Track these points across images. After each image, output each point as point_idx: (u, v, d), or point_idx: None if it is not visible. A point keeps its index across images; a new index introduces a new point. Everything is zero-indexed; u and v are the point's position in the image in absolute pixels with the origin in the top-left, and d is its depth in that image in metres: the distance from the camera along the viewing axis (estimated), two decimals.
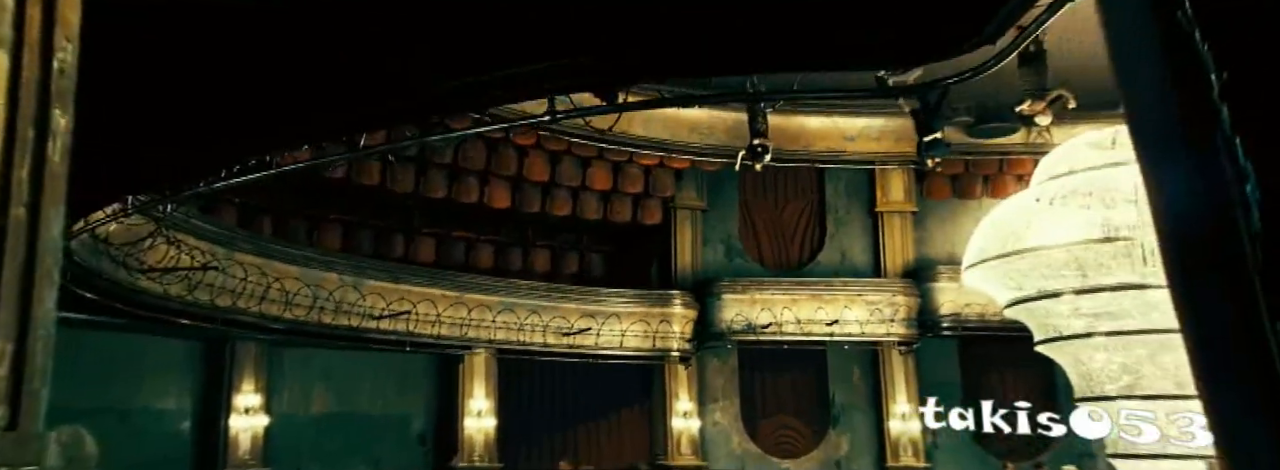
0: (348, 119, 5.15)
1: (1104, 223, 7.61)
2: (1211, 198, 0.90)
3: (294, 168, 5.21)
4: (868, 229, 12.36)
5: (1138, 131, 1.11)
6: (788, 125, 11.67)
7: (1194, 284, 0.98)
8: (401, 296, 9.75)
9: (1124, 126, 5.85)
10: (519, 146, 10.67)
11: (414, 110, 5.09)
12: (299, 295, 8.63)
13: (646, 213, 11.78)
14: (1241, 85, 0.88)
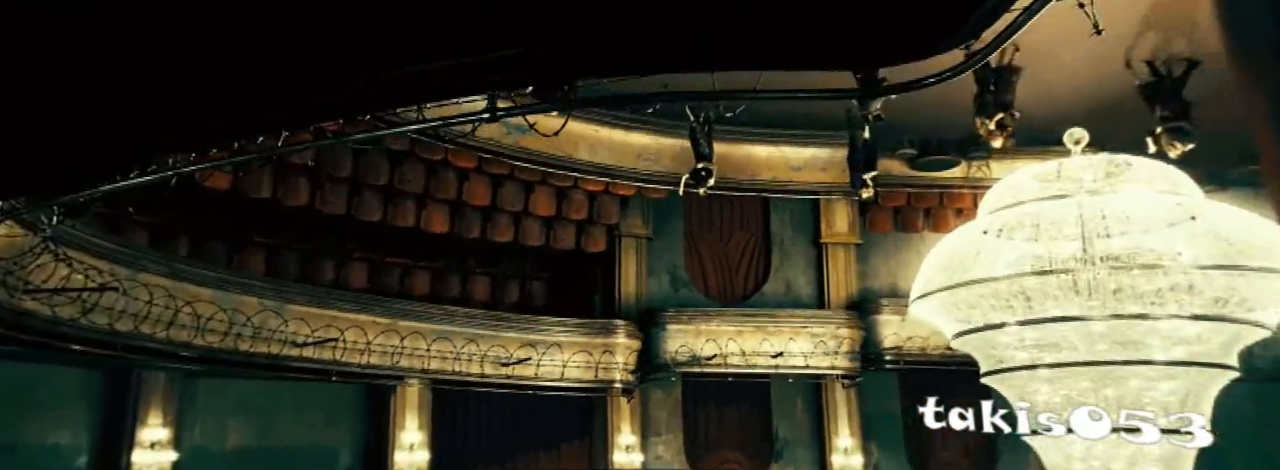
0: (265, 117, 4.40)
1: (1049, 254, 7.26)
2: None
3: (191, 170, 4.44)
4: (812, 261, 11.91)
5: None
6: (734, 154, 11.23)
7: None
8: (328, 323, 8.91)
9: (1067, 160, 5.28)
10: (459, 169, 9.99)
11: (340, 107, 4.37)
12: (213, 320, 7.76)
13: (591, 240, 11.15)
14: None
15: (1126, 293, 7.09)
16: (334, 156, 8.97)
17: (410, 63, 3.87)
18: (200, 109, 3.71)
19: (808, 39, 3.50)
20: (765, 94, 4.05)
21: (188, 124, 3.78)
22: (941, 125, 10.93)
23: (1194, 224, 7.09)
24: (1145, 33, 9.14)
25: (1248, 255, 6.78)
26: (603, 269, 11.44)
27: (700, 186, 8.42)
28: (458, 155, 9.84)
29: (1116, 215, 7.11)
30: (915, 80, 3.56)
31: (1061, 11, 7.39)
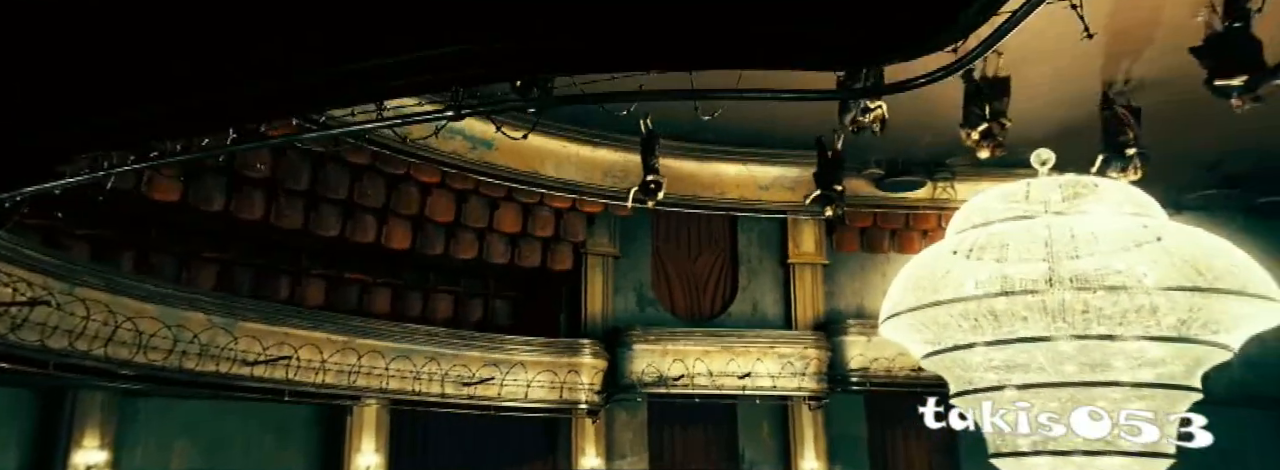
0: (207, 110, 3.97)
1: (1018, 275, 7.07)
2: None
3: (113, 172, 4.04)
4: (779, 280, 11.64)
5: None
6: (702, 172, 10.99)
7: None
8: (281, 340, 8.46)
9: (1034, 180, 4.96)
10: (422, 184, 9.61)
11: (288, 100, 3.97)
12: (156, 337, 7.28)
13: (557, 258, 10.80)
14: None
15: (1094, 314, 6.95)
16: (291, 169, 8.57)
17: (366, 55, 3.53)
18: (109, 102, 3.33)
19: (789, 35, 3.20)
20: (749, 94, 3.76)
21: (95, 117, 3.39)
22: (908, 146, 10.79)
23: (1160, 245, 6.97)
24: (1108, 56, 9.06)
25: (1212, 277, 6.67)
26: (568, 287, 11.08)
27: (649, 199, 8.17)
28: (421, 170, 9.48)
29: (1084, 236, 6.96)
30: (905, 81, 3.28)
31: (1027, 32, 7.21)
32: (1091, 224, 6.96)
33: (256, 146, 5.12)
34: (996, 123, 7.35)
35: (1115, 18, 7.97)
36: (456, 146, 9.51)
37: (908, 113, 9.64)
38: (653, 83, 3.94)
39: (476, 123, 9.63)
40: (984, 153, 7.45)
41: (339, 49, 3.49)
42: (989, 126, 7.41)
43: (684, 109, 9.92)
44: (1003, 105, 7.40)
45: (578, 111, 9.50)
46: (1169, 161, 9.72)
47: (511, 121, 9.03)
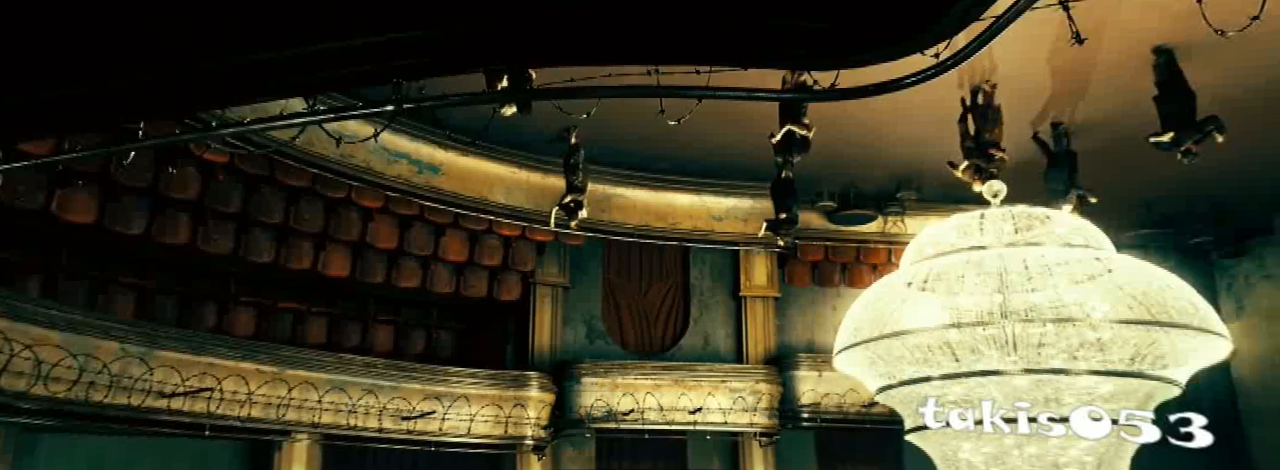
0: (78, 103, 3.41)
1: (972, 307, 6.80)
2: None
3: None
4: (731, 313, 11.24)
5: None
6: (656, 202, 10.63)
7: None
8: (204, 371, 7.76)
9: (988, 211, 4.60)
10: (363, 208, 9.06)
11: (183, 94, 3.43)
12: (60, 367, 6.56)
13: (504, 288, 10.27)
14: None
15: (1049, 348, 6.73)
16: (221, 191, 7.96)
17: (301, 41, 3.04)
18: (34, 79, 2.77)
19: (766, 28, 2.80)
20: (721, 92, 3.35)
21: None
22: (859, 179, 10.57)
23: (1112, 278, 6.80)
24: (1051, 96, 8.96)
25: (1163, 311, 6.51)
26: (516, 319, 10.54)
27: (571, 220, 7.77)
28: (363, 194, 8.94)
29: (1037, 268, 6.72)
30: (890, 81, 2.92)
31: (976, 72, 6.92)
32: (1045, 256, 6.76)
33: (121, 149, 4.51)
34: (984, 155, 7.09)
35: (1054, 58, 7.85)
36: (402, 170, 9.00)
37: (860, 145, 9.46)
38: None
39: (424, 145, 9.17)
40: (977, 186, 7.17)
41: (257, 33, 3.00)
42: (974, 161, 7.15)
43: (639, 137, 9.61)
44: (994, 136, 7.15)
45: (530, 137, 9.10)
46: (1106, 201, 9.69)
47: (432, 135, 8.62)
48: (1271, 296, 11.95)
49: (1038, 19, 6.99)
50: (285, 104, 5.29)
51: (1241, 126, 8.36)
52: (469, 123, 9.13)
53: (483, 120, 8.67)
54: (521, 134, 8.74)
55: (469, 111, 8.47)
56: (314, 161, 8.30)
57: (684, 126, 9.13)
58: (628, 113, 8.71)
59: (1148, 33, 7.26)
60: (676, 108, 5.48)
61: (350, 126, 8.54)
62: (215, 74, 3.15)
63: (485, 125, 7.45)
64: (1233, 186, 10.54)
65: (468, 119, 9.09)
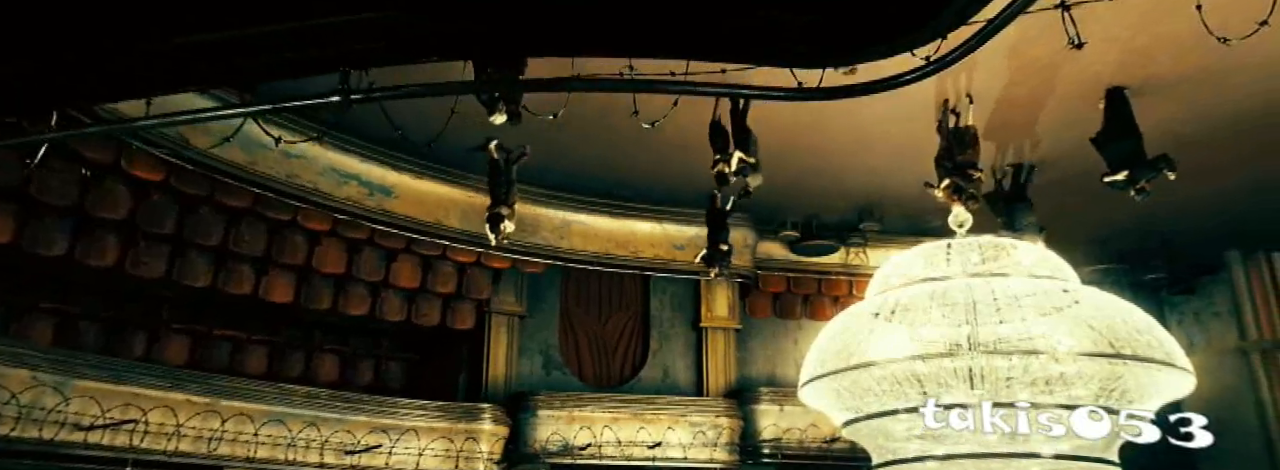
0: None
1: (941, 339, 6.52)
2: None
3: None
4: (692, 345, 10.83)
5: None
6: (617, 230, 10.26)
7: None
8: (128, 401, 7.13)
9: (954, 241, 4.24)
10: (310, 231, 8.52)
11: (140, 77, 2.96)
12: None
13: (458, 316, 9.75)
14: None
15: (1017, 382, 6.47)
16: (154, 212, 7.40)
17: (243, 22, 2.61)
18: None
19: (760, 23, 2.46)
20: (703, 88, 3.00)
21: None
22: (823, 209, 10.33)
23: (1079, 311, 6.60)
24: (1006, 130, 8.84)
25: (1130, 344, 6.33)
26: (470, 348, 10.00)
27: (494, 233, 7.36)
28: (310, 216, 8.42)
29: (1005, 300, 6.47)
30: (882, 80, 2.61)
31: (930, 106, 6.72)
32: (1012, 287, 6.53)
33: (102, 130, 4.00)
34: (962, 175, 6.82)
35: (1011, 90, 7.69)
36: (351, 192, 8.52)
37: (823, 174, 9.22)
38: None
39: (376, 167, 8.71)
40: (956, 208, 6.89)
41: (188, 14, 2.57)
42: (954, 180, 6.87)
43: (601, 163, 9.23)
44: (970, 157, 6.90)
45: (479, 165, 8.66)
46: (1062, 237, 9.59)
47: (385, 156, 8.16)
48: (1222, 334, 11.88)
49: (993, 49, 6.90)
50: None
51: (1193, 165, 8.30)
52: (425, 143, 8.76)
53: (438, 142, 8.33)
54: (478, 157, 8.33)
55: (425, 132, 8.06)
56: (257, 181, 7.79)
57: (647, 153, 8.89)
58: (590, 137, 8.44)
59: (1105, 67, 7.15)
60: (651, 112, 5.14)
61: (298, 145, 8.07)
62: (137, 60, 2.72)
63: (430, 143, 7.08)
64: (1185, 224, 10.53)
65: (424, 141, 8.71)
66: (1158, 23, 6.39)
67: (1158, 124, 7.48)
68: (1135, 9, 6.23)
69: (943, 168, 7.07)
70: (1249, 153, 8.66)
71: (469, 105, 5.36)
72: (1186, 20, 6.33)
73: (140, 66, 2.89)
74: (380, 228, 8.80)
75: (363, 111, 7.88)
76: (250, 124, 7.62)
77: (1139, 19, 6.34)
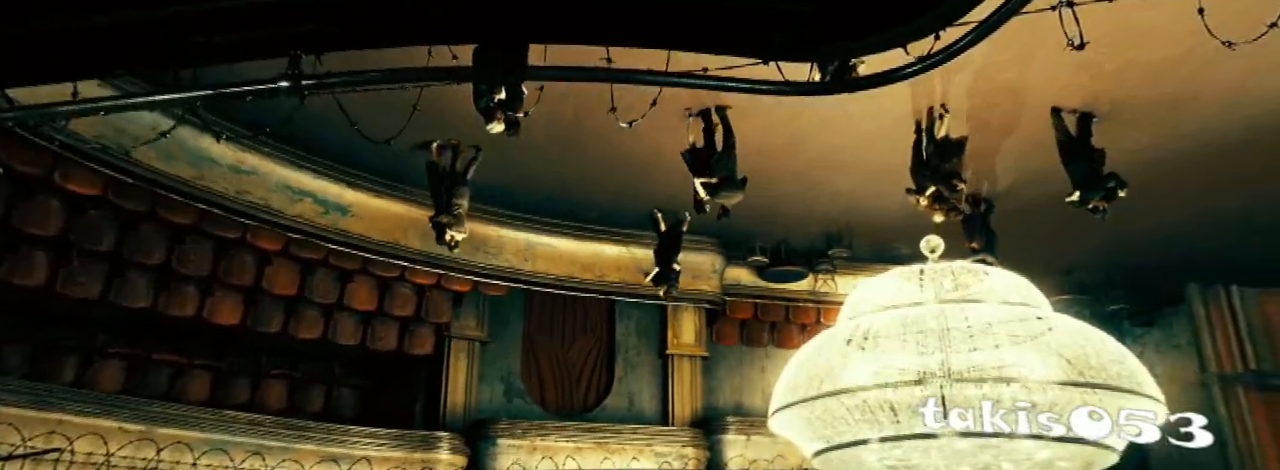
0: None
1: (913, 366, 6.28)
2: None
3: None
4: (657, 373, 10.45)
5: None
6: (582, 252, 9.92)
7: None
8: (52, 429, 6.56)
9: (927, 266, 3.91)
10: (259, 251, 8.06)
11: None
12: None
13: (416, 341, 9.29)
14: None
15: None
16: (89, 228, 6.89)
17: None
18: None
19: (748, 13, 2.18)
20: (714, 82, 2.73)
21: None
22: (792, 234, 10.09)
23: (1051, 339, 6.41)
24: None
25: (1103, 374, 6.17)
26: (428, 374, 9.52)
27: (441, 243, 6.99)
28: (260, 234, 7.96)
29: (979, 327, 6.25)
30: (884, 72, 2.35)
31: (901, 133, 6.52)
32: (986, 314, 6.32)
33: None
34: (946, 185, 6.56)
35: (975, 116, 7.54)
36: (305, 210, 8.08)
37: (794, 198, 8.98)
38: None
39: (332, 184, 8.30)
40: (938, 217, 6.63)
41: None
42: (937, 189, 6.60)
43: (565, 185, 8.90)
44: (954, 166, 6.64)
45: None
46: (1026, 267, 9.42)
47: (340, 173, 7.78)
48: (1182, 366, 11.78)
49: (956, 75, 6.76)
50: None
51: (1154, 195, 8.23)
52: (384, 163, 8.39)
53: (398, 159, 7.97)
54: None
55: (385, 149, 7.69)
56: (204, 196, 7.34)
57: (614, 174, 8.59)
58: (557, 157, 8.13)
59: (1074, 90, 7.01)
60: (628, 111, 4.83)
61: (249, 160, 7.66)
62: (61, 38, 2.35)
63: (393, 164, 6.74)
64: (1146, 256, 10.48)
65: (384, 160, 8.34)
66: (1126, 49, 6.29)
67: (1123, 154, 7.36)
68: (1100, 35, 6.12)
69: (922, 176, 6.80)
70: (1208, 184, 8.61)
71: (432, 103, 4.97)
72: (1152, 48, 6.27)
73: (64, 47, 2.52)
74: (335, 247, 8.36)
75: (317, 125, 7.52)
76: (197, 136, 7.25)
77: (1108, 46, 6.23)
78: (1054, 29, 6.11)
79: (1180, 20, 5.80)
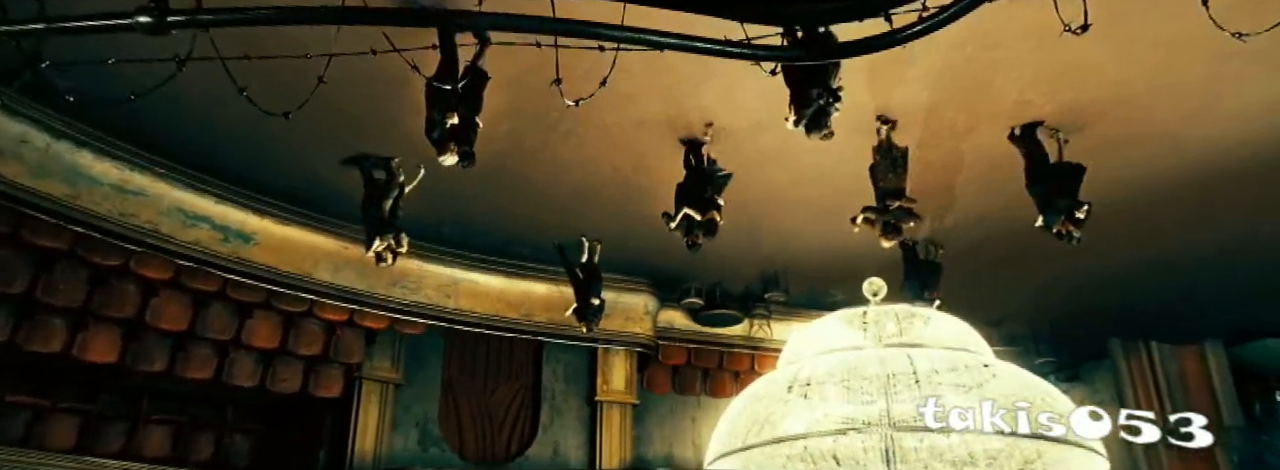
0: None
1: (856, 414, 5.81)
2: None
3: None
4: (585, 421, 9.66)
5: None
6: (510, 290, 9.19)
7: None
8: None
9: (871, 309, 3.22)
10: (145, 280, 7.06)
11: None
12: None
13: (323, 383, 8.33)
14: None
15: (936, 462, 5.83)
16: None
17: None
18: None
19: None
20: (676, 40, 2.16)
21: None
22: (728, 276, 9.56)
23: (996, 387, 6.06)
24: None
25: (1043, 424, 5.89)
26: (335, 419, 8.52)
27: (380, 261, 6.18)
28: (146, 262, 6.98)
29: (924, 373, 5.81)
30: (883, 34, 1.83)
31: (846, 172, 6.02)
32: (930, 361, 5.90)
33: None
34: (884, 207, 6.00)
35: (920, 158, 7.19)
36: (201, 236, 7.17)
37: (734, 236, 8.45)
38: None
39: (233, 209, 7.41)
40: (886, 244, 6.04)
41: None
42: (875, 213, 6.01)
43: (494, 218, 8.17)
44: (890, 183, 6.08)
45: (358, 213, 7.48)
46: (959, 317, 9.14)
47: (243, 198, 6.89)
48: None
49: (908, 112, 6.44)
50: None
51: (1086, 243, 7.98)
52: (295, 188, 7.58)
53: (310, 185, 7.18)
54: (355, 205, 7.18)
55: (296, 176, 6.91)
56: (80, 218, 6.39)
57: (547, 207, 7.95)
58: (485, 188, 7.45)
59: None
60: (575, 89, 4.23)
61: (137, 180, 6.75)
62: None
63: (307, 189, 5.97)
64: (1073, 309, 10.32)
65: (296, 185, 7.53)
66: (1064, 92, 6.04)
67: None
68: (1038, 75, 5.86)
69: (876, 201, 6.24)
70: (1135, 235, 8.43)
71: (343, 72, 4.21)
72: (1095, 88, 6.04)
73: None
74: (234, 278, 7.42)
75: (214, 139, 6.70)
76: (73, 150, 6.31)
77: (1047, 85, 5.97)
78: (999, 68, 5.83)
79: (1125, 60, 5.60)
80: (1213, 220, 7.90)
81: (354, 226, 7.93)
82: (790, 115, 4.55)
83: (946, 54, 5.48)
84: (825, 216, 7.17)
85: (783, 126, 6.17)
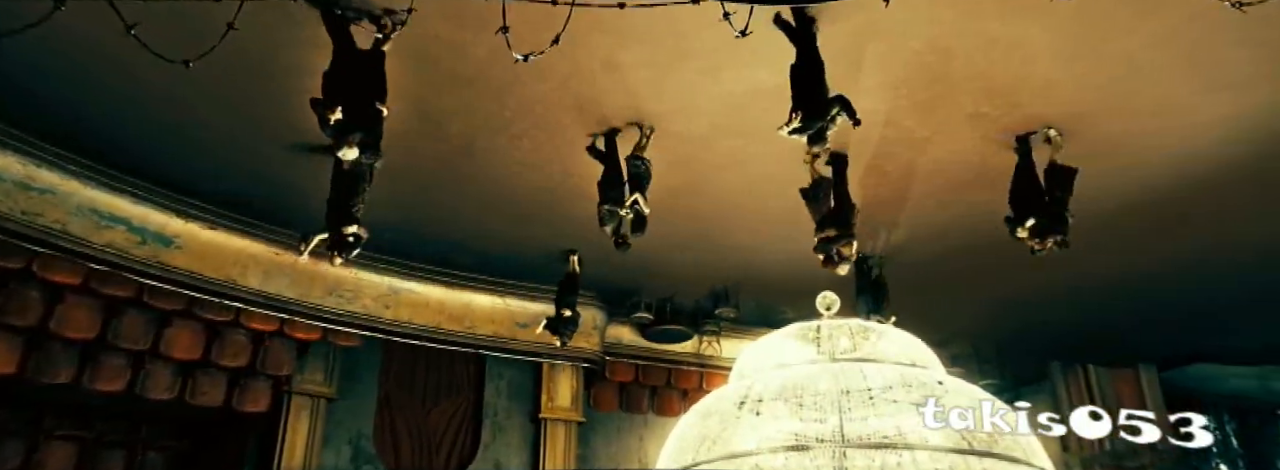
0: None
1: (809, 431, 5.57)
2: None
3: None
4: (529, 439, 9.20)
5: None
6: (452, 301, 8.73)
7: None
8: None
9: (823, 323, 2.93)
10: (49, 285, 6.43)
11: None
12: None
13: (249, 397, 7.75)
14: None
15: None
16: None
17: None
18: None
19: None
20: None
21: None
22: (680, 291, 9.26)
23: (949, 400, 5.86)
24: None
25: (992, 441, 5.76)
26: (261, 435, 7.91)
27: (338, 256, 5.45)
28: (51, 265, 6.36)
29: (878, 389, 5.58)
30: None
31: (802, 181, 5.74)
32: (882, 377, 5.69)
33: None
34: (824, 235, 5.67)
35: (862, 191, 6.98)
36: (116, 238, 6.58)
37: (688, 249, 8.17)
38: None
39: (154, 211, 6.85)
40: (842, 270, 5.70)
41: None
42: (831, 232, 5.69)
43: (437, 224, 7.71)
44: (821, 211, 5.79)
45: (294, 216, 6.97)
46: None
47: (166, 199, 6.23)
48: (1046, 444, 11.57)
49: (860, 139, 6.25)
50: None
51: (1021, 275, 7.90)
52: (224, 190, 7.06)
53: (243, 187, 6.67)
54: (291, 207, 6.69)
55: (227, 173, 6.42)
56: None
57: (493, 215, 7.54)
58: (430, 192, 7.03)
59: (970, 145, 6.51)
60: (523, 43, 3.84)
61: (44, 177, 6.17)
62: None
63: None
64: (1016, 330, 10.28)
65: (225, 187, 7.01)
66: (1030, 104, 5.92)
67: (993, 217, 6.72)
68: (997, 86, 5.73)
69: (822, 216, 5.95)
70: (1082, 257, 8.38)
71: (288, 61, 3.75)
72: (1051, 102, 5.93)
73: None
74: (152, 283, 6.82)
75: (141, 138, 6.17)
76: None
77: (1003, 99, 5.85)
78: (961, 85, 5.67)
79: (1087, 77, 5.51)
80: (1152, 247, 7.90)
81: (287, 232, 7.42)
82: (792, 122, 4.28)
83: (905, 62, 5.32)
84: (780, 226, 6.90)
85: (739, 133, 5.97)
